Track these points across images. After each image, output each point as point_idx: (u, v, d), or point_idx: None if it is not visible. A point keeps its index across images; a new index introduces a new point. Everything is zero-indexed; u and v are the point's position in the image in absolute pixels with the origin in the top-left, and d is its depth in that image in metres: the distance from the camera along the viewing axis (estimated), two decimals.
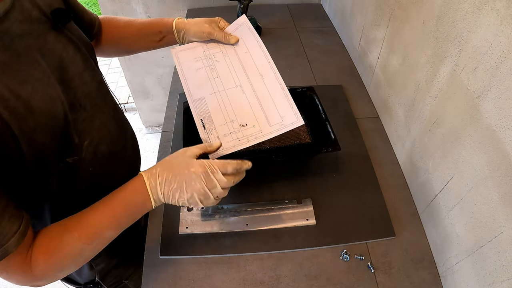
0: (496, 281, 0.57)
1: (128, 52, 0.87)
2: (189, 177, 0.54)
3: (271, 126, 0.64)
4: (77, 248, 0.52)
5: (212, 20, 0.74)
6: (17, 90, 0.45)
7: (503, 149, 0.54)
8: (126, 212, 0.55)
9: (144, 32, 0.78)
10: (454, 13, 0.64)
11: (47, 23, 0.54)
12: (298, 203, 0.81)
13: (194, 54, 0.74)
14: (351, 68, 1.23)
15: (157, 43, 0.79)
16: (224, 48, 0.75)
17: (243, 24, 0.74)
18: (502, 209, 0.55)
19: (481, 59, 0.57)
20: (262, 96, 0.67)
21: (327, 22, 1.48)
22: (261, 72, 0.69)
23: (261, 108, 0.66)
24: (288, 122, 0.64)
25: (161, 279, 0.71)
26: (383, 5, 0.97)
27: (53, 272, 0.52)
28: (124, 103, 2.49)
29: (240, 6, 1.29)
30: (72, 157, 0.57)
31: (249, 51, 0.72)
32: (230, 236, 0.76)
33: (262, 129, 0.64)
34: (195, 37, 0.75)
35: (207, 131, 0.65)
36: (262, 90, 0.68)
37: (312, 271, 0.72)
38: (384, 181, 0.88)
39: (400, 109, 0.90)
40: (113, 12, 1.60)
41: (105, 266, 0.81)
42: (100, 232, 0.53)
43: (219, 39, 0.74)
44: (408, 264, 0.74)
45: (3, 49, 0.45)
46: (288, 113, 0.65)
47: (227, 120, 0.65)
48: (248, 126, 0.64)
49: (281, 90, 0.67)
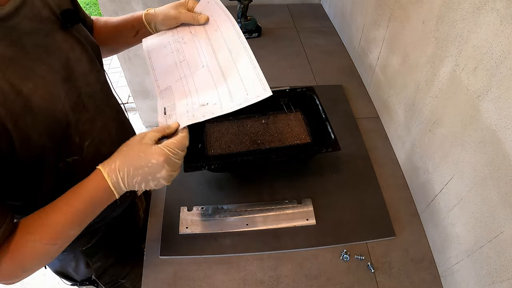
0: (496, 281, 0.57)
1: (110, 51, 0.85)
2: (152, 169, 0.52)
3: (233, 102, 0.61)
4: (38, 250, 0.50)
5: (179, 3, 0.71)
6: (19, 86, 0.46)
7: (503, 149, 0.54)
8: (89, 210, 0.53)
9: (120, 29, 0.77)
10: (454, 13, 0.64)
11: (56, 22, 0.54)
12: (298, 203, 0.81)
13: (163, 40, 0.72)
14: (351, 68, 1.23)
15: (133, 38, 0.77)
16: (193, 29, 0.72)
17: (210, 0, 0.72)
18: (502, 209, 0.55)
19: (481, 59, 0.57)
20: (229, 72, 0.65)
21: (327, 22, 1.48)
22: (229, 47, 0.67)
23: (226, 84, 0.64)
24: (253, 94, 0.60)
25: (161, 279, 0.71)
26: (383, 5, 0.97)
27: (18, 272, 0.51)
28: (124, 103, 2.48)
29: (240, 6, 1.29)
30: (72, 157, 0.57)
31: (219, 28, 0.70)
32: (230, 236, 0.76)
33: (222, 105, 0.61)
34: (164, 25, 0.73)
35: (167, 116, 0.62)
36: (229, 66, 0.65)
37: (312, 271, 0.72)
38: (384, 181, 0.88)
39: (400, 109, 0.90)
40: (113, 12, 1.60)
41: (102, 265, 0.81)
42: (62, 231, 0.51)
43: (188, 21, 0.71)
44: (408, 264, 0.74)
45: (10, 44, 0.46)
46: (254, 85, 0.61)
47: (189, 103, 0.63)
48: (209, 104, 0.62)
49: (250, 63, 0.64)
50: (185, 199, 0.82)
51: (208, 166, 0.75)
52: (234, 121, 0.95)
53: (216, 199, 0.82)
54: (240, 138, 0.91)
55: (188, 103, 0.63)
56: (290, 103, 0.96)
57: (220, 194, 0.84)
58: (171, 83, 0.67)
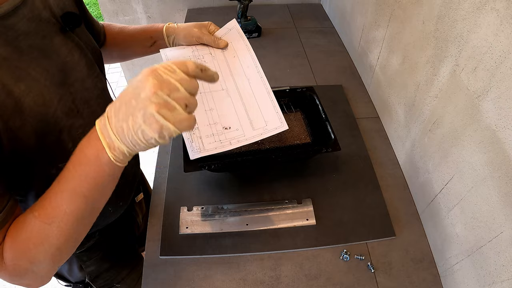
0: (496, 281, 0.57)
1: (122, 57, 0.87)
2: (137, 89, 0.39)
3: (254, 130, 0.64)
4: (37, 229, 0.44)
5: (202, 24, 0.74)
6: (10, 86, 0.45)
7: (503, 149, 0.54)
8: (82, 176, 0.43)
9: (136, 37, 0.79)
10: (454, 13, 0.64)
11: (56, 25, 0.54)
12: (298, 203, 0.81)
13: (183, 53, 0.74)
14: (351, 68, 1.23)
15: (148, 48, 0.79)
16: (213, 50, 0.75)
17: (233, 28, 0.75)
18: (502, 209, 0.55)
19: (481, 59, 0.57)
20: (248, 100, 0.67)
21: (327, 22, 1.48)
22: (248, 76, 0.69)
23: (245, 112, 0.66)
24: (272, 126, 0.64)
25: (161, 279, 0.71)
26: (383, 5, 0.97)
27: (23, 263, 0.45)
28: None
29: (240, 6, 1.29)
30: (65, 163, 0.56)
31: (238, 55, 0.72)
32: (230, 236, 0.76)
33: (245, 133, 0.64)
34: (185, 42, 0.75)
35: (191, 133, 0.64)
36: (248, 94, 0.68)
37: (312, 271, 0.72)
38: (384, 181, 0.88)
39: (400, 109, 0.90)
40: (113, 12, 1.60)
41: (96, 269, 0.81)
42: (57, 207, 0.43)
43: (208, 43, 0.73)
44: (408, 264, 0.74)
45: (5, 44, 0.45)
46: (272, 117, 0.65)
47: (211, 122, 0.65)
48: (232, 129, 0.64)
49: (267, 95, 0.67)
50: (185, 199, 0.82)
51: (208, 166, 0.75)
52: None
53: (216, 199, 0.82)
54: None
55: (210, 121, 0.64)
56: (290, 103, 0.96)
57: (220, 194, 0.84)
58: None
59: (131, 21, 1.65)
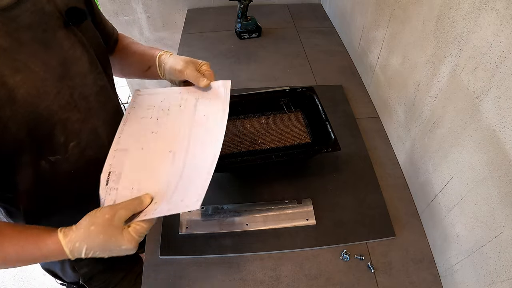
0: (496, 281, 0.57)
1: (123, 73, 0.83)
2: (121, 252, 0.51)
3: (168, 204, 0.54)
4: None
5: (191, 60, 0.67)
6: (5, 77, 0.45)
7: (503, 149, 0.54)
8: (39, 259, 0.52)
9: (136, 58, 0.75)
10: (454, 13, 0.64)
11: (59, 19, 0.54)
12: (298, 203, 0.81)
13: (150, 101, 0.68)
14: (351, 68, 1.23)
15: (144, 72, 0.75)
16: (185, 104, 0.67)
17: (223, 86, 0.68)
18: (502, 209, 0.55)
19: (481, 59, 0.57)
20: (187, 171, 0.58)
21: (327, 22, 1.48)
22: (203, 141, 0.62)
23: (175, 184, 0.57)
24: (183, 204, 0.53)
25: (161, 279, 0.71)
26: (383, 5, 0.97)
27: None
28: (124, 103, 2.49)
29: (240, 6, 1.29)
30: (54, 156, 0.56)
31: (208, 116, 0.65)
32: (230, 236, 0.76)
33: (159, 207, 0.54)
34: (169, 74, 0.69)
35: (108, 188, 0.56)
36: (190, 164, 0.59)
37: (312, 271, 0.72)
38: (384, 181, 0.88)
39: (400, 109, 0.90)
40: (113, 12, 1.60)
41: (89, 271, 0.80)
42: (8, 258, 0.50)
43: (189, 79, 0.66)
44: (408, 264, 0.74)
45: (5, 35, 0.46)
46: (194, 193, 0.54)
47: (134, 186, 0.57)
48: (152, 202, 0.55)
49: (210, 166, 0.56)
50: None
51: None
52: (234, 121, 0.95)
53: (216, 199, 0.82)
54: (240, 138, 0.91)
55: (136, 179, 0.58)
56: (290, 103, 0.96)
57: (220, 194, 0.84)
58: (131, 147, 0.61)
59: (131, 21, 1.64)
